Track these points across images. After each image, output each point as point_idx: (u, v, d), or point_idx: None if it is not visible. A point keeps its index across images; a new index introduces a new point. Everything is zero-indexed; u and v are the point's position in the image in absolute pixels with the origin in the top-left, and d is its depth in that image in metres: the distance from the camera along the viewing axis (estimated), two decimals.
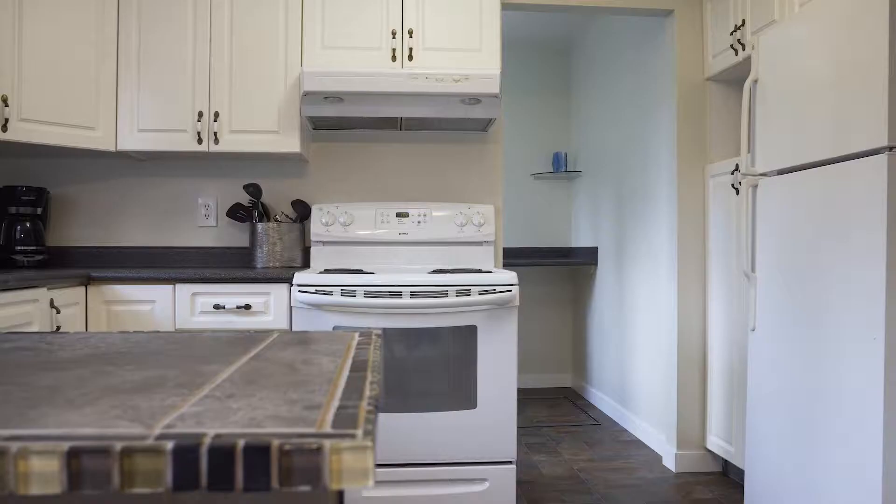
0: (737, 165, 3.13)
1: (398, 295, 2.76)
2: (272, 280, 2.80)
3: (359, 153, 3.49)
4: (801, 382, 2.38)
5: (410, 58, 3.14)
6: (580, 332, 5.27)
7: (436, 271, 2.97)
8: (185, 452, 0.49)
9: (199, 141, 3.07)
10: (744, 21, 3.06)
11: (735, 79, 3.41)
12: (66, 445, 0.49)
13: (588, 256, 4.95)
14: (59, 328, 2.58)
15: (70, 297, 2.66)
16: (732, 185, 3.18)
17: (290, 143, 3.11)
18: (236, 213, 3.31)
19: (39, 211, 3.15)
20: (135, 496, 0.55)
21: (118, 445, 0.49)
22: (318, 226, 3.32)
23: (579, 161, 5.21)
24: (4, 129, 2.76)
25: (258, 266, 3.25)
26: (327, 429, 0.54)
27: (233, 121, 3.09)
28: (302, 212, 3.34)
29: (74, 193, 3.39)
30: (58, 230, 3.39)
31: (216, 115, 3.07)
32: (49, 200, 3.34)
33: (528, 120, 5.41)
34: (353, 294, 2.74)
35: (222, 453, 0.50)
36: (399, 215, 3.36)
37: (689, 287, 3.48)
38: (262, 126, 3.10)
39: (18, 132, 2.81)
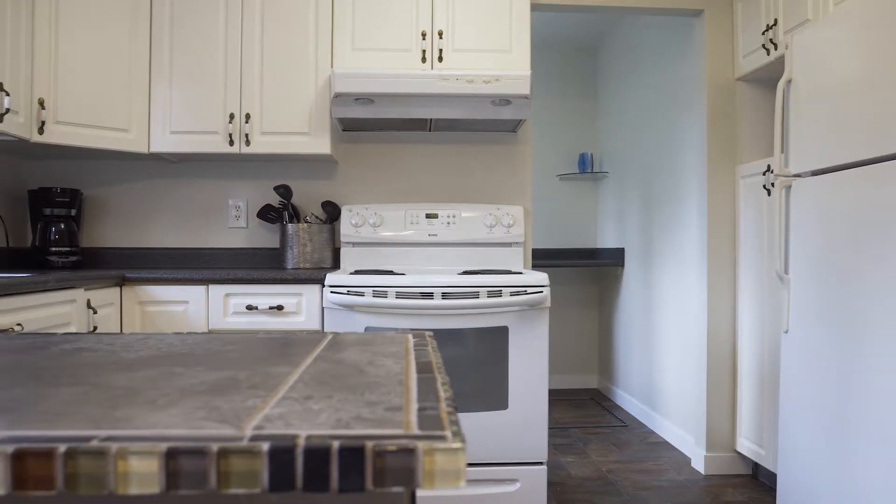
0: (768, 166, 3.11)
1: (430, 296, 2.76)
2: (304, 281, 2.82)
3: (388, 154, 3.50)
4: (837, 384, 2.35)
5: (440, 59, 3.15)
6: (606, 334, 5.25)
7: (465, 272, 2.97)
8: (281, 454, 0.50)
9: (231, 143, 3.09)
10: (776, 21, 3.03)
11: (766, 79, 3.38)
12: (163, 446, 0.50)
13: (614, 257, 4.93)
14: (95, 328, 2.60)
15: (105, 297, 2.69)
16: (764, 186, 3.15)
17: (320, 144, 3.12)
18: (267, 214, 3.33)
19: (73, 212, 3.19)
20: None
21: (215, 446, 0.50)
22: (347, 227, 3.33)
23: (605, 162, 5.20)
24: (41, 131, 2.79)
25: (288, 267, 3.26)
26: (414, 430, 0.54)
27: (264, 122, 3.11)
28: (332, 213, 3.36)
29: (107, 195, 3.43)
30: (91, 231, 3.42)
31: (247, 116, 3.09)
32: (83, 202, 3.38)
33: (554, 121, 5.40)
34: (384, 295, 2.75)
35: (317, 454, 0.50)
36: (428, 216, 3.37)
37: (719, 288, 3.45)
38: (293, 128, 3.12)
39: (54, 134, 2.84)
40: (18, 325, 2.14)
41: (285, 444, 0.50)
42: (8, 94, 2.57)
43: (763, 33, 3.12)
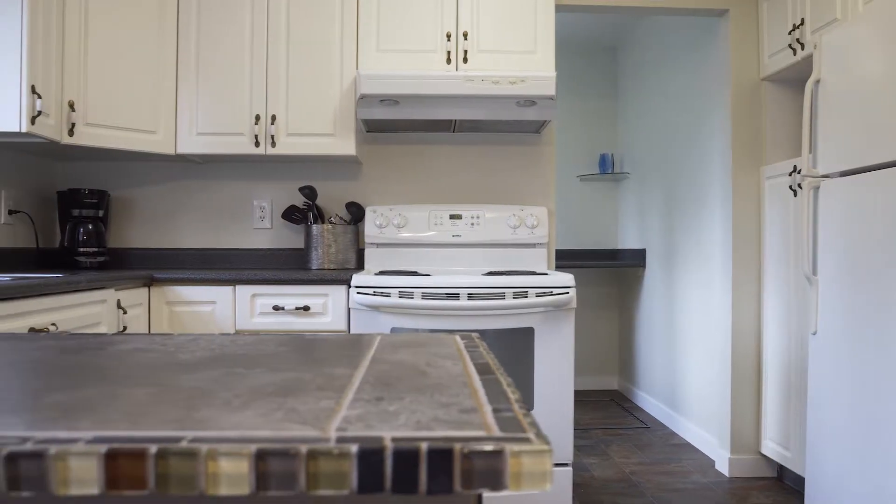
0: (794, 167, 3.09)
1: (455, 297, 2.77)
2: (330, 282, 2.83)
3: (411, 155, 3.51)
4: (867, 387, 2.33)
5: (465, 60, 3.15)
6: (627, 334, 5.23)
7: (490, 273, 2.97)
8: (370, 455, 0.50)
9: (257, 144, 3.10)
10: (803, 20, 3.01)
11: (792, 79, 3.36)
12: (253, 447, 0.50)
13: (635, 258, 4.92)
14: (125, 328, 2.62)
15: (134, 297, 2.71)
16: (790, 187, 3.13)
17: (345, 145, 3.13)
18: (291, 215, 3.34)
19: (101, 213, 3.21)
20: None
21: (304, 448, 0.50)
22: (371, 228, 3.34)
23: (626, 162, 5.18)
24: (71, 133, 2.82)
25: (313, 268, 3.27)
26: (496, 432, 0.54)
27: (289, 124, 3.12)
28: (356, 214, 3.36)
29: (133, 196, 3.45)
30: (117, 232, 3.45)
31: (273, 118, 3.10)
32: (110, 203, 3.40)
33: (575, 121, 5.39)
34: (410, 296, 2.75)
35: (406, 457, 0.50)
36: (452, 217, 3.37)
37: (744, 289, 3.44)
38: (318, 129, 3.13)
39: (84, 136, 2.87)
40: (53, 324, 2.15)
41: (374, 446, 0.50)
42: (40, 97, 2.60)
43: (790, 33, 3.10)
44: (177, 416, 0.58)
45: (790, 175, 3.13)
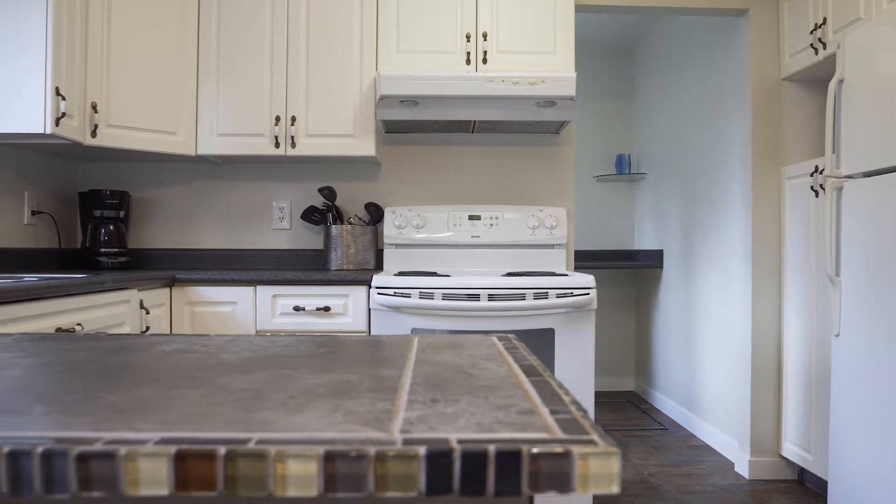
0: (816, 167, 3.07)
1: (476, 298, 2.76)
2: (350, 282, 2.83)
3: (430, 156, 3.51)
4: (891, 389, 2.32)
5: (485, 61, 3.15)
6: (644, 335, 5.22)
7: (509, 274, 2.97)
8: (439, 457, 0.50)
9: (277, 145, 3.11)
10: (825, 19, 2.99)
11: (814, 78, 3.34)
12: (321, 449, 0.50)
13: (653, 259, 4.90)
14: (148, 329, 2.64)
15: (156, 298, 2.72)
16: (811, 188, 3.11)
17: (365, 146, 3.13)
18: (311, 215, 3.35)
19: (122, 214, 3.23)
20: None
21: (372, 450, 0.50)
22: (390, 228, 3.34)
23: (643, 163, 5.16)
24: (94, 134, 2.83)
25: (332, 268, 3.28)
26: (559, 434, 0.54)
27: (309, 125, 3.13)
28: (375, 214, 3.37)
29: (153, 196, 3.47)
30: (137, 232, 3.47)
31: (293, 119, 3.11)
32: (130, 203, 3.42)
33: (591, 122, 5.37)
34: (431, 296, 2.75)
35: (474, 458, 0.50)
36: (471, 218, 3.37)
37: (764, 290, 3.42)
38: (338, 130, 3.13)
39: (106, 138, 2.88)
40: (78, 324, 2.17)
41: (441, 448, 0.50)
42: (64, 99, 2.61)
43: (811, 32, 3.08)
44: (237, 418, 0.58)
45: (812, 175, 3.11)
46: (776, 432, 3.43)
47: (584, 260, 5.28)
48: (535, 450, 0.50)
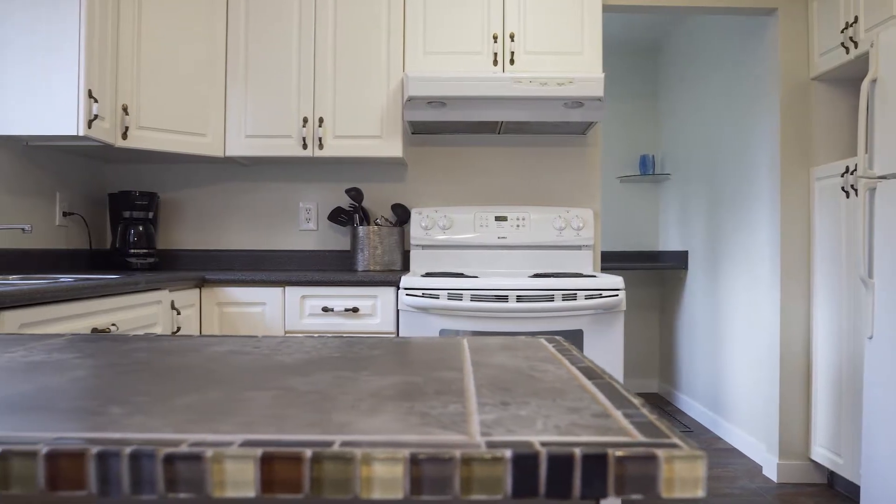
0: (847, 167, 3.04)
1: (504, 299, 2.76)
2: (378, 283, 2.83)
3: (456, 156, 3.51)
4: None
5: (512, 62, 3.14)
6: (668, 337, 5.19)
7: (536, 275, 2.96)
8: (525, 460, 0.50)
9: (304, 146, 3.12)
10: (856, 18, 2.96)
11: (844, 78, 3.31)
12: (406, 452, 0.50)
13: (677, 260, 4.87)
14: (179, 329, 2.65)
15: (187, 298, 2.74)
16: (842, 188, 3.08)
17: (392, 147, 3.14)
18: (338, 216, 3.36)
19: (151, 215, 3.26)
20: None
21: (458, 453, 0.50)
22: (417, 229, 3.34)
23: (667, 164, 5.14)
24: (124, 136, 2.86)
25: (359, 269, 3.29)
26: (639, 437, 0.54)
27: (336, 126, 3.14)
28: (401, 215, 3.37)
29: (181, 197, 3.49)
30: (166, 233, 3.49)
31: (321, 120, 3.12)
32: (159, 204, 3.45)
33: (614, 122, 5.35)
34: (459, 298, 2.75)
35: (561, 462, 0.50)
36: (497, 219, 3.36)
37: (793, 292, 3.39)
38: (366, 131, 3.14)
39: (137, 139, 2.91)
40: (113, 325, 2.19)
41: (527, 451, 0.50)
42: (96, 101, 2.64)
43: (842, 31, 3.05)
44: (313, 420, 0.58)
45: (842, 176, 3.08)
46: (805, 435, 3.40)
47: (608, 261, 5.26)
48: (620, 453, 0.50)
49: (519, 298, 2.76)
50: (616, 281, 2.79)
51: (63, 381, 0.75)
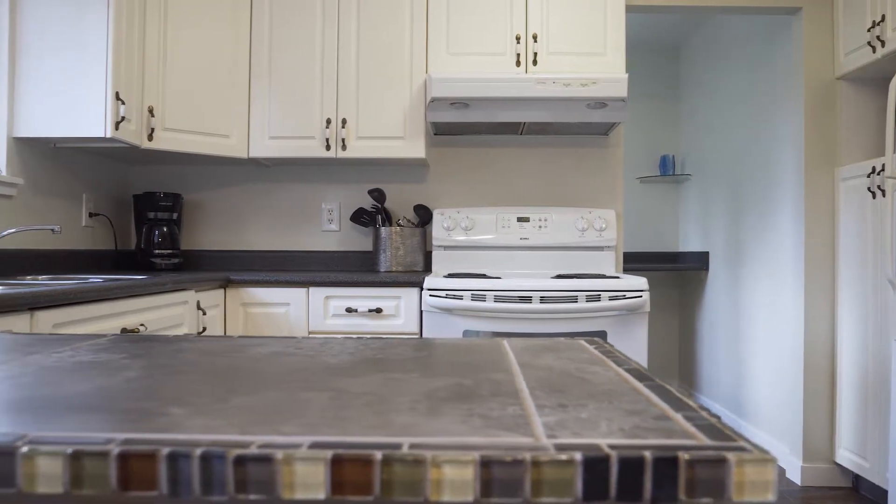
0: (874, 168, 3.01)
1: (528, 300, 2.76)
2: (402, 284, 2.84)
3: (478, 157, 3.51)
4: None
5: (535, 62, 3.14)
6: (688, 338, 5.16)
7: (558, 276, 2.96)
8: (596, 463, 0.50)
9: (328, 147, 3.13)
10: (883, 16, 2.94)
11: (871, 77, 3.28)
12: (476, 454, 0.50)
13: (698, 261, 4.85)
14: (204, 329, 2.67)
15: (212, 299, 2.76)
16: (869, 189, 3.06)
17: (415, 148, 3.14)
18: (360, 217, 3.37)
19: (175, 216, 3.28)
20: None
21: (528, 455, 0.50)
22: (439, 230, 3.34)
23: (688, 164, 5.11)
24: (150, 138, 2.88)
25: (381, 270, 3.29)
26: (706, 441, 0.53)
27: (360, 127, 3.15)
28: (423, 216, 3.38)
29: (204, 198, 3.51)
30: (189, 234, 3.51)
31: (344, 121, 3.13)
32: (182, 205, 3.47)
33: (634, 123, 5.33)
34: (483, 299, 2.75)
35: (631, 465, 0.50)
36: (520, 220, 3.36)
37: (817, 293, 3.36)
38: (389, 132, 3.15)
39: (162, 141, 2.93)
40: (142, 325, 2.20)
41: (598, 454, 0.50)
42: (123, 103, 2.66)
43: (868, 30, 3.02)
44: (375, 422, 0.58)
45: (869, 176, 3.06)
46: (830, 438, 3.37)
47: (628, 262, 5.24)
48: (691, 456, 0.50)
49: (542, 299, 2.75)
50: (640, 282, 2.78)
51: (118, 381, 0.75)
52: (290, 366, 0.85)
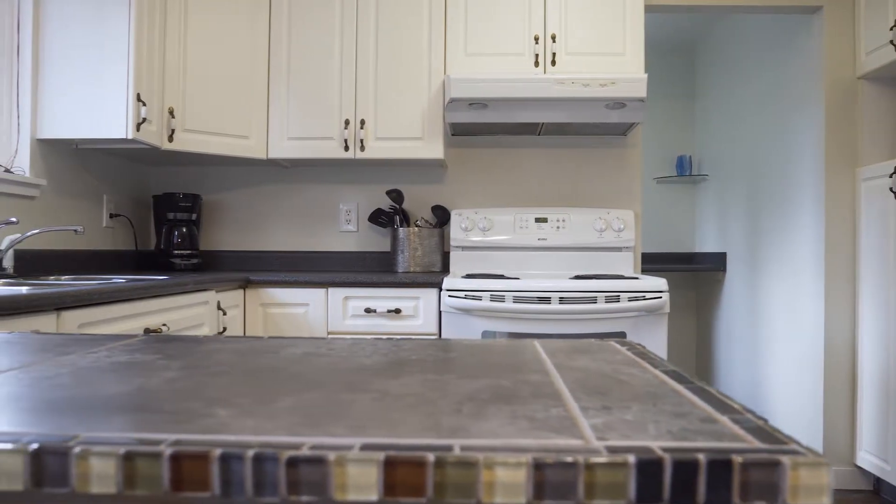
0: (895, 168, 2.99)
1: (547, 301, 2.75)
2: (421, 285, 2.84)
3: (496, 158, 3.51)
4: None
5: (553, 63, 3.13)
6: (705, 339, 5.14)
7: (577, 277, 2.95)
8: (650, 466, 0.50)
9: (346, 148, 3.14)
10: None
11: (893, 76, 3.25)
12: (529, 457, 0.50)
13: (715, 262, 4.82)
14: (225, 329, 2.68)
15: (232, 299, 2.77)
16: (891, 189, 3.03)
17: (433, 149, 3.15)
18: (378, 218, 3.38)
19: (194, 216, 3.29)
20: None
21: (581, 458, 0.50)
22: (457, 231, 3.34)
23: (704, 165, 5.09)
24: (171, 139, 2.89)
25: (399, 271, 3.30)
26: (757, 444, 0.53)
27: (378, 128, 3.15)
28: (441, 217, 3.38)
29: (223, 199, 3.53)
30: (208, 234, 3.53)
31: (362, 122, 3.14)
32: (201, 206, 3.48)
33: (650, 123, 5.31)
34: (501, 299, 2.75)
35: (685, 468, 0.49)
36: (538, 220, 3.36)
37: (838, 295, 3.34)
38: (407, 133, 3.15)
39: (182, 142, 2.94)
40: (164, 325, 2.21)
41: (651, 456, 0.50)
42: (144, 105, 2.67)
43: (891, 28, 3.00)
44: (423, 424, 0.58)
45: (891, 176, 3.03)
46: (850, 441, 3.34)
47: (644, 262, 5.22)
48: (745, 459, 0.50)
49: (562, 300, 2.75)
50: (659, 283, 2.77)
51: (158, 382, 0.75)
52: (326, 366, 0.85)
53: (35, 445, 0.53)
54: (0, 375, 0.78)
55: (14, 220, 2.34)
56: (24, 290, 1.75)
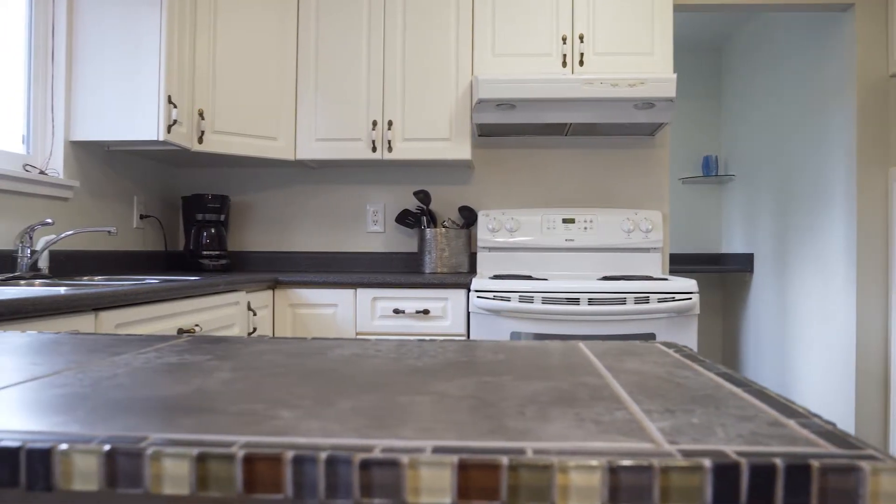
0: None
1: (576, 302, 2.74)
2: (449, 285, 2.84)
3: (523, 158, 3.50)
4: None
5: (581, 63, 3.12)
6: (731, 341, 5.09)
7: (605, 278, 2.94)
8: (727, 470, 0.49)
9: (374, 149, 3.15)
10: None
11: None
12: (604, 461, 0.50)
13: (742, 263, 4.78)
14: (255, 330, 2.69)
15: (261, 300, 2.78)
16: None
17: (461, 150, 3.15)
18: (405, 219, 3.38)
19: (222, 217, 3.32)
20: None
21: (657, 462, 0.49)
22: (484, 232, 3.34)
23: (731, 165, 5.05)
24: (200, 140, 2.91)
25: (426, 272, 3.30)
26: (831, 448, 0.52)
27: (406, 129, 3.16)
28: (468, 218, 3.38)
29: (250, 200, 3.55)
30: (236, 235, 3.55)
31: (390, 123, 3.14)
32: (230, 207, 3.51)
33: (676, 123, 5.28)
34: (530, 300, 2.74)
35: (763, 472, 0.49)
36: (565, 221, 3.34)
37: (870, 297, 3.30)
38: (434, 134, 3.15)
39: (212, 144, 2.96)
40: (197, 325, 2.23)
41: (727, 461, 0.49)
42: (175, 107, 2.70)
43: None
44: (491, 427, 0.58)
45: None
46: (883, 443, 3.30)
47: (671, 263, 5.18)
48: (822, 464, 0.49)
49: (591, 301, 2.74)
50: (689, 284, 2.75)
51: (214, 383, 0.76)
52: (378, 368, 0.85)
53: (108, 447, 0.53)
54: (58, 376, 0.79)
55: (50, 220, 2.36)
56: (62, 290, 1.77)
